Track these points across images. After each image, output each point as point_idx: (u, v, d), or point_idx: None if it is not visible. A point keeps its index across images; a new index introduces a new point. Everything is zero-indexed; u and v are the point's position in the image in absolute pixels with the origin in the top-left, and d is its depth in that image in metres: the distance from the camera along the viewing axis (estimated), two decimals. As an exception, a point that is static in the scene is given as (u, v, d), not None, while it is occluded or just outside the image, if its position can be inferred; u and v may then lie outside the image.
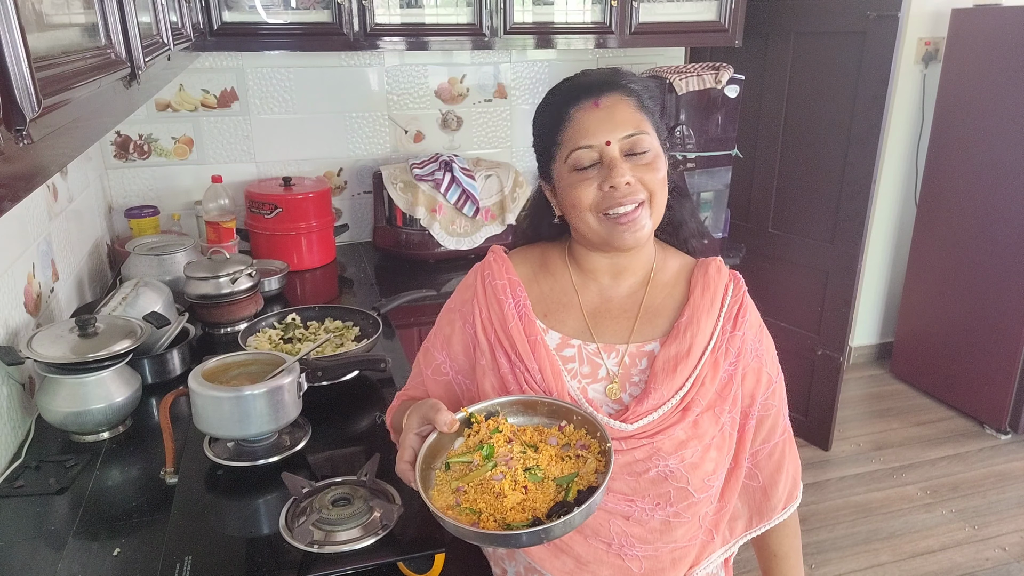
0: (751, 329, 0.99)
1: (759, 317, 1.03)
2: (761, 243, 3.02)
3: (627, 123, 0.91)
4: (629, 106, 0.92)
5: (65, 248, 1.83)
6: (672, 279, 1.02)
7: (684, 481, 0.92)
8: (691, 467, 0.92)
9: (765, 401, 1.00)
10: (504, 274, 1.01)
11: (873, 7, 2.47)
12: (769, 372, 1.00)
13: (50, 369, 1.35)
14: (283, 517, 1.06)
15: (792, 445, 1.05)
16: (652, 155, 0.92)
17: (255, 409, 1.22)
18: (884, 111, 2.52)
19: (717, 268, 1.02)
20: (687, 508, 0.93)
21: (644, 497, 0.92)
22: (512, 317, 0.98)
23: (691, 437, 0.93)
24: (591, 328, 0.99)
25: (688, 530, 0.95)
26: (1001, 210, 3.04)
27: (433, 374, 1.06)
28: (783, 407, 1.03)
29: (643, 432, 0.92)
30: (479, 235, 2.56)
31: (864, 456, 3.04)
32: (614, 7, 2.42)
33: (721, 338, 0.97)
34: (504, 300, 0.99)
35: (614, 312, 1.00)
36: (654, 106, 0.96)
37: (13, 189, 0.54)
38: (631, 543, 0.93)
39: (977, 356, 3.21)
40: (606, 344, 0.98)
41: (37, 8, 0.65)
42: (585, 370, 0.97)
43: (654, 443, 0.91)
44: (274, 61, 2.51)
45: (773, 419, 1.01)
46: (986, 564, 2.44)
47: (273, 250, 2.36)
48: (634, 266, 1.00)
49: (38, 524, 1.17)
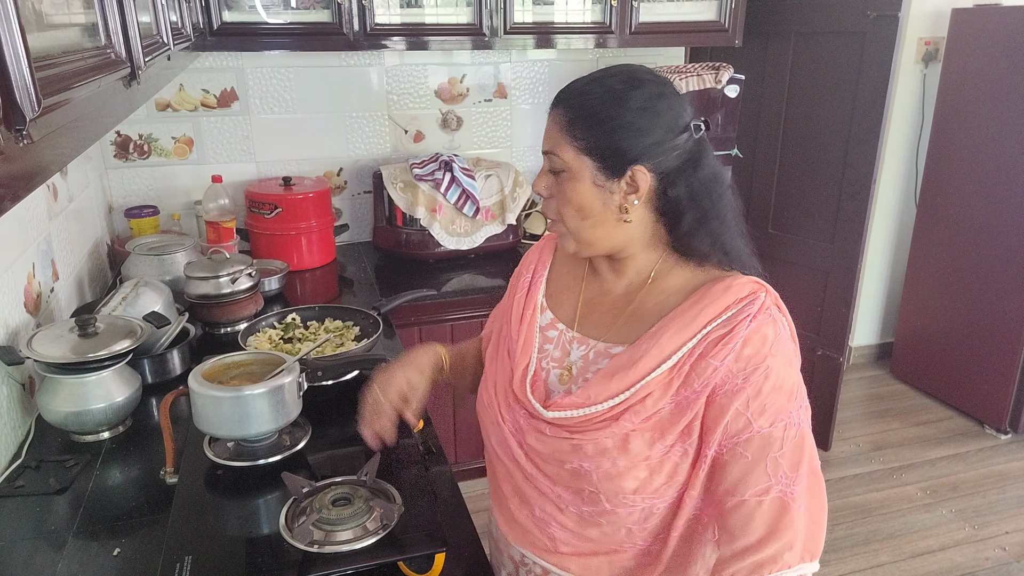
0: (736, 362, 0.86)
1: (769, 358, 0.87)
2: (761, 243, 2.98)
3: (548, 139, 0.94)
4: (556, 124, 0.93)
5: (65, 248, 1.83)
6: (675, 288, 0.95)
7: (595, 486, 0.92)
8: (606, 476, 0.90)
9: (732, 447, 0.87)
10: (539, 251, 1.13)
11: (873, 7, 2.47)
12: (751, 418, 0.86)
13: (50, 369, 1.35)
14: (283, 517, 1.06)
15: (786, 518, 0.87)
16: (565, 177, 0.92)
17: (255, 409, 1.22)
18: (884, 111, 2.52)
19: (727, 287, 0.90)
20: (600, 514, 0.94)
21: (565, 488, 0.95)
22: (522, 288, 1.09)
23: (616, 449, 0.90)
24: (579, 318, 1.02)
25: (604, 535, 0.96)
26: (1001, 210, 3.04)
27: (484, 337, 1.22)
28: (778, 472, 0.87)
29: (563, 425, 0.94)
30: (479, 235, 2.56)
31: (864, 456, 3.03)
32: (614, 7, 2.42)
33: (686, 359, 0.88)
34: (526, 274, 1.11)
35: (606, 307, 1.00)
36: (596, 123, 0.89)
37: (13, 189, 0.54)
38: (548, 522, 0.99)
39: (977, 356, 3.21)
40: (583, 336, 1.00)
41: (37, 8, 0.65)
42: (556, 354, 1.01)
43: (576, 440, 0.92)
44: (274, 61, 2.51)
45: (744, 471, 0.87)
46: (986, 564, 2.44)
47: (273, 250, 2.36)
48: (626, 267, 0.98)
49: (38, 524, 1.17)
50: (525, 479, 1.00)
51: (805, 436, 0.90)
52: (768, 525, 0.87)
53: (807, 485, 0.90)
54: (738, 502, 0.88)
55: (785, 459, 0.88)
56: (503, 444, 1.02)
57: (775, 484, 0.87)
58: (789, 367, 0.90)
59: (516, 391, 1.00)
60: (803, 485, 0.89)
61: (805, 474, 0.89)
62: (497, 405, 1.03)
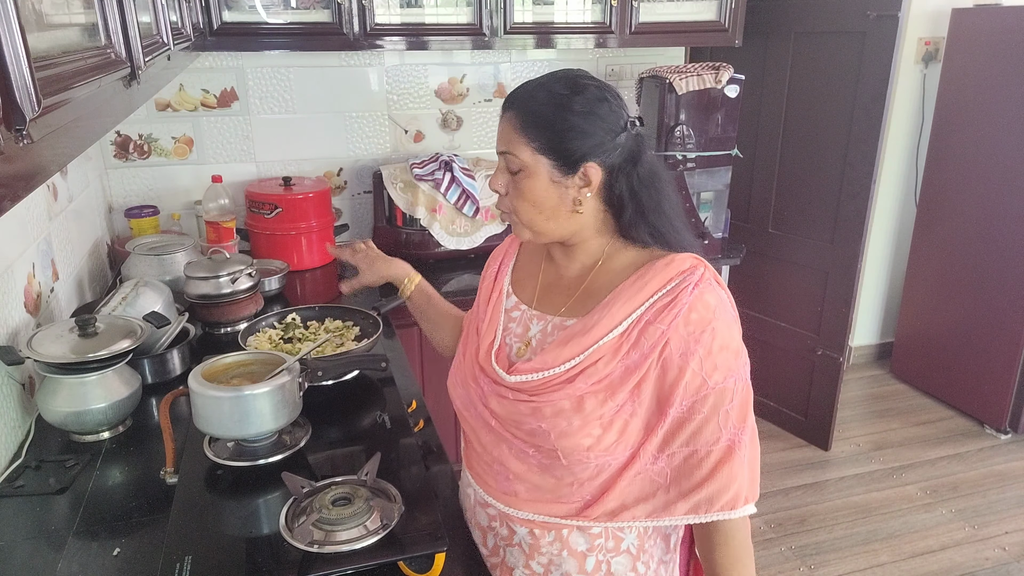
0: (686, 327, 0.95)
1: (715, 321, 0.96)
2: (761, 243, 3.02)
3: (502, 140, 1.02)
4: (508, 125, 1.01)
5: (65, 248, 1.83)
6: (622, 267, 1.05)
7: (552, 444, 1.00)
8: (562, 434, 0.99)
9: (692, 404, 0.96)
10: (506, 246, 1.24)
11: (873, 7, 2.47)
12: (704, 376, 0.95)
13: (50, 369, 1.35)
14: (283, 517, 1.06)
15: (730, 463, 0.98)
16: (522, 175, 1.01)
17: (255, 409, 1.22)
18: (884, 111, 2.52)
19: (668, 262, 1.00)
20: (557, 467, 1.02)
21: (523, 442, 1.04)
22: (491, 275, 1.21)
23: (571, 409, 0.99)
24: (537, 297, 1.12)
25: (560, 486, 1.04)
26: (1001, 210, 3.04)
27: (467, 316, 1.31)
28: (727, 423, 0.97)
29: (523, 389, 1.03)
30: (479, 235, 2.56)
31: (864, 456, 3.04)
32: (614, 7, 2.42)
33: (634, 326, 0.97)
34: (493, 265, 1.23)
35: (562, 288, 1.10)
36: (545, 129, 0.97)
37: (13, 189, 0.54)
38: (507, 474, 1.08)
39: (977, 356, 3.21)
40: (541, 313, 1.10)
41: (37, 8, 0.65)
42: (518, 331, 1.12)
43: (534, 402, 1.01)
44: (274, 61, 2.51)
45: (698, 426, 0.97)
46: (986, 564, 2.44)
47: (273, 250, 2.36)
48: (578, 252, 1.08)
49: (38, 524, 1.17)
50: (491, 437, 1.09)
51: (749, 390, 1.01)
52: (711, 468, 0.99)
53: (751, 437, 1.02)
54: (690, 451, 0.99)
55: (734, 411, 0.99)
56: (470, 407, 1.13)
57: (724, 434, 0.99)
58: (731, 328, 1.00)
59: (482, 362, 1.10)
60: (749, 435, 1.01)
61: (751, 426, 1.01)
62: (465, 376, 1.14)
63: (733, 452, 0.98)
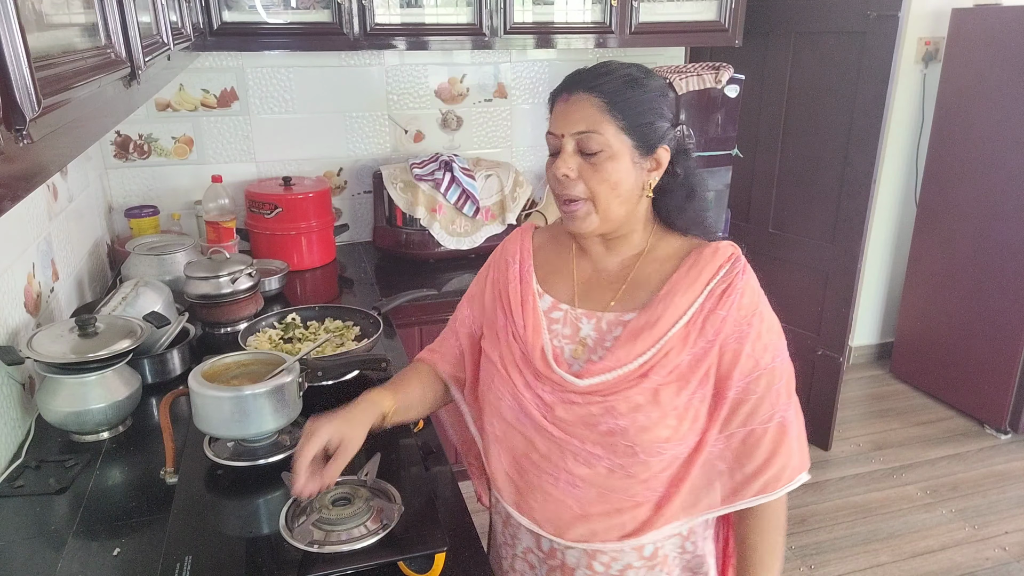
0: (739, 311, 0.99)
1: (760, 304, 1.02)
2: (761, 243, 3.02)
3: (582, 121, 0.98)
4: (591, 106, 0.98)
5: (65, 248, 1.83)
6: (666, 256, 1.06)
7: (631, 440, 0.99)
8: (642, 429, 0.99)
9: (746, 385, 1.00)
10: (519, 241, 1.17)
11: (873, 7, 2.47)
12: (757, 358, 1.00)
13: (50, 369, 1.35)
14: (283, 517, 1.06)
15: (783, 439, 1.03)
16: (604, 156, 0.98)
17: (255, 409, 1.22)
18: (884, 111, 2.52)
19: (714, 250, 1.03)
20: (633, 464, 1.01)
21: (595, 444, 1.02)
22: (514, 278, 1.13)
23: (649, 403, 0.99)
24: (578, 295, 1.09)
25: (632, 486, 1.02)
26: (1001, 210, 3.04)
27: (460, 326, 1.23)
28: (776, 400, 1.02)
29: (597, 391, 1.01)
30: (479, 235, 2.56)
31: (864, 456, 3.03)
32: (614, 7, 2.42)
33: (698, 315, 1.00)
34: (511, 263, 1.14)
35: (603, 283, 1.08)
36: (628, 108, 0.98)
37: (13, 189, 0.54)
38: (575, 483, 1.03)
39: (977, 356, 3.21)
40: (588, 311, 1.07)
41: (37, 8, 0.65)
42: (567, 331, 1.07)
43: (608, 401, 1.00)
44: (274, 61, 2.51)
45: (754, 406, 1.01)
46: (986, 564, 2.44)
47: (273, 250, 2.36)
48: (621, 244, 1.07)
49: (38, 524, 1.17)
50: (553, 447, 1.04)
51: (791, 366, 1.05)
52: (771, 448, 1.02)
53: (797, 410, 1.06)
54: (747, 432, 1.02)
55: (783, 388, 1.03)
56: (523, 420, 1.07)
57: (776, 412, 1.02)
58: (771, 310, 1.05)
59: (541, 369, 1.05)
60: (795, 408, 1.05)
61: (796, 400, 1.05)
62: (513, 385, 1.07)
63: (786, 428, 1.03)
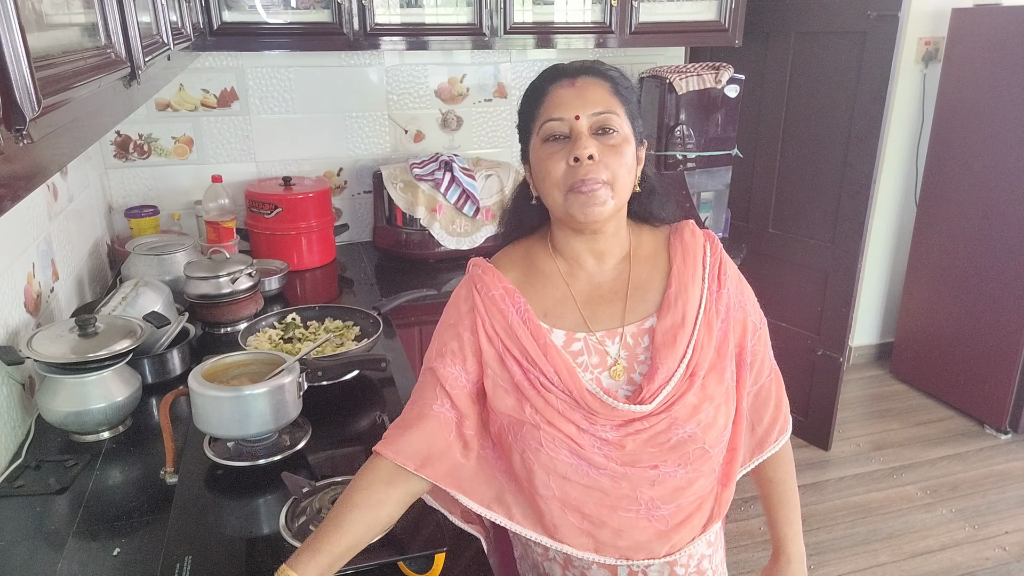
0: (732, 282, 1.05)
1: (736, 269, 1.08)
2: (761, 243, 3.02)
3: (598, 102, 0.96)
4: (603, 88, 0.98)
5: (65, 248, 1.83)
6: (652, 251, 1.06)
7: (701, 442, 0.99)
8: (706, 428, 0.99)
9: (753, 347, 1.07)
10: (498, 283, 1.03)
11: (873, 7, 2.47)
12: (753, 320, 1.07)
13: (50, 369, 1.35)
14: (283, 517, 1.06)
15: (779, 383, 1.13)
16: (620, 137, 0.97)
17: (255, 409, 1.22)
18: (884, 111, 2.52)
19: (692, 232, 1.06)
20: (704, 463, 1.01)
21: (666, 462, 0.98)
22: (518, 324, 0.99)
23: (702, 400, 0.99)
24: (587, 318, 1.02)
25: (706, 481, 1.03)
26: (1001, 210, 3.04)
27: (451, 388, 1.01)
28: (768, 350, 1.10)
29: (659, 410, 0.97)
30: (479, 235, 2.56)
31: (864, 456, 3.04)
32: (614, 7, 2.42)
33: (709, 300, 1.02)
34: (506, 309, 1.00)
35: (606, 296, 1.03)
36: (629, 96, 1.01)
37: (13, 189, 0.54)
38: (656, 504, 0.99)
39: (977, 356, 3.21)
40: (607, 330, 1.01)
41: (37, 8, 0.65)
42: (595, 360, 1.00)
43: (671, 413, 0.97)
44: (274, 61, 2.51)
45: (760, 362, 1.09)
46: (986, 564, 2.44)
47: (273, 250, 2.36)
48: (612, 246, 1.04)
49: (38, 524, 1.17)
50: (617, 483, 0.97)
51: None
52: (777, 396, 1.12)
53: None
54: (759, 387, 1.10)
55: (767, 338, 1.10)
56: (584, 469, 0.97)
57: (768, 361, 1.11)
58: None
59: (597, 409, 0.96)
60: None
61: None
62: (568, 437, 0.96)
63: (778, 374, 1.12)
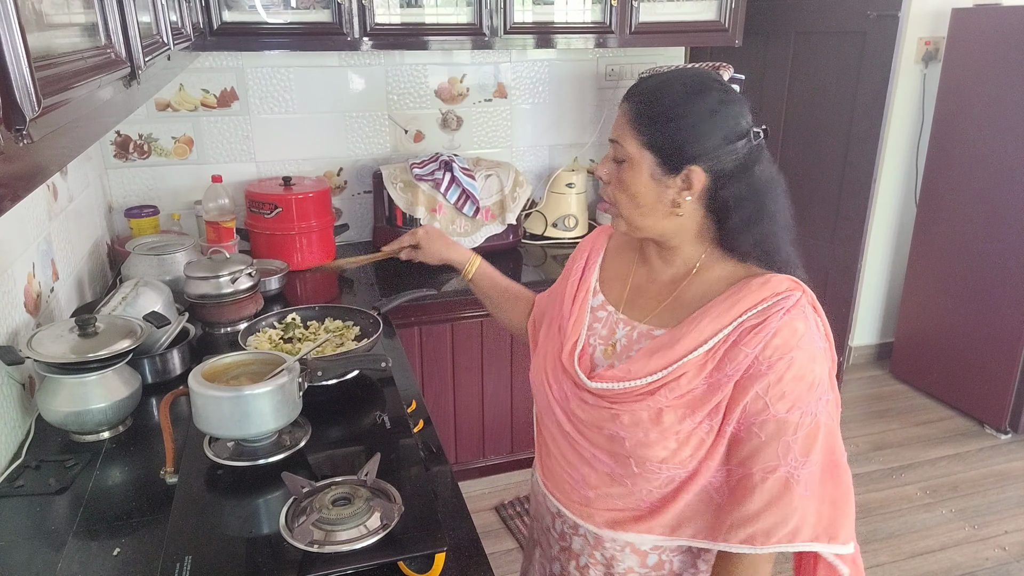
0: (765, 351, 0.92)
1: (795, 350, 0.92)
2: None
3: (616, 129, 1.02)
4: (623, 115, 1.01)
5: (65, 248, 1.83)
6: (716, 279, 1.02)
7: (629, 452, 1.00)
8: (639, 445, 0.99)
9: (748, 425, 0.94)
10: (593, 240, 1.22)
11: (873, 7, 2.47)
12: (768, 403, 0.93)
13: (50, 369, 1.35)
14: (283, 517, 1.06)
15: (787, 497, 0.94)
16: (625, 166, 1.00)
17: (255, 409, 1.22)
18: (884, 111, 2.53)
19: (764, 282, 0.97)
20: (628, 475, 1.02)
21: (601, 450, 1.04)
22: (576, 271, 1.18)
23: (650, 421, 0.98)
24: (626, 301, 1.10)
25: (626, 494, 1.04)
26: (1001, 210, 3.04)
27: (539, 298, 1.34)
28: (788, 454, 0.93)
29: (604, 396, 1.02)
30: (479, 235, 2.56)
31: (864, 456, 3.04)
32: (614, 7, 2.42)
33: (721, 344, 0.95)
34: (579, 259, 1.20)
35: (652, 293, 1.08)
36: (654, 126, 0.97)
37: (13, 189, 0.54)
38: (582, 481, 1.08)
39: (977, 356, 3.21)
40: (628, 318, 1.08)
41: (37, 8, 0.65)
42: (604, 332, 1.10)
43: (614, 409, 1.01)
44: (274, 61, 2.51)
45: (755, 449, 0.94)
46: (986, 564, 2.44)
47: (273, 250, 2.36)
48: (674, 256, 1.05)
49: (38, 524, 1.17)
50: (567, 442, 1.09)
51: (821, 426, 0.95)
52: (767, 500, 0.94)
53: (825, 475, 0.96)
54: (745, 474, 0.96)
55: (798, 444, 0.93)
56: (548, 410, 1.12)
57: (783, 465, 0.94)
58: (813, 362, 0.95)
59: (564, 362, 1.09)
60: (812, 471, 0.94)
61: (818, 462, 0.95)
62: (546, 375, 1.12)
63: (791, 486, 0.93)
